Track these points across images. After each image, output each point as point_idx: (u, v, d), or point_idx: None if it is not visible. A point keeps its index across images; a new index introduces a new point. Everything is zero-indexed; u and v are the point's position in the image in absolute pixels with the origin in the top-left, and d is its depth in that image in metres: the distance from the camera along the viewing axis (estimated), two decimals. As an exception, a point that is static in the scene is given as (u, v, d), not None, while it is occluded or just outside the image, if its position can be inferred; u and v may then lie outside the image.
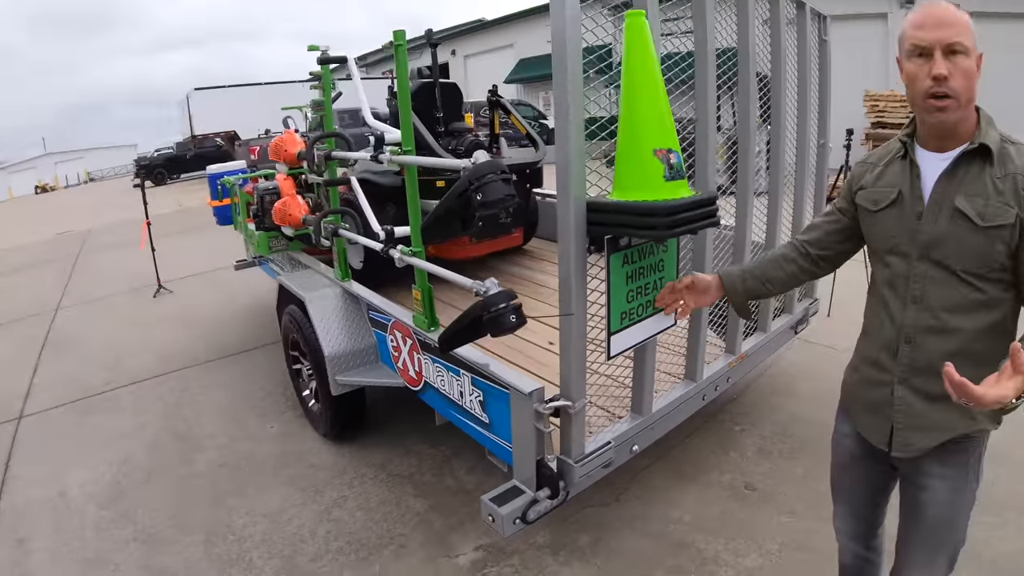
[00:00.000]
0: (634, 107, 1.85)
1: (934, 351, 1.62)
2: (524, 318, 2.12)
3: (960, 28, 1.51)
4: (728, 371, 3.25)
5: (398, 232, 3.00)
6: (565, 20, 1.84)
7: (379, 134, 2.95)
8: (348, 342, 3.50)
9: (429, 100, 4.84)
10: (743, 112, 3.05)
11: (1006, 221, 1.52)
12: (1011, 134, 1.63)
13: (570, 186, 1.91)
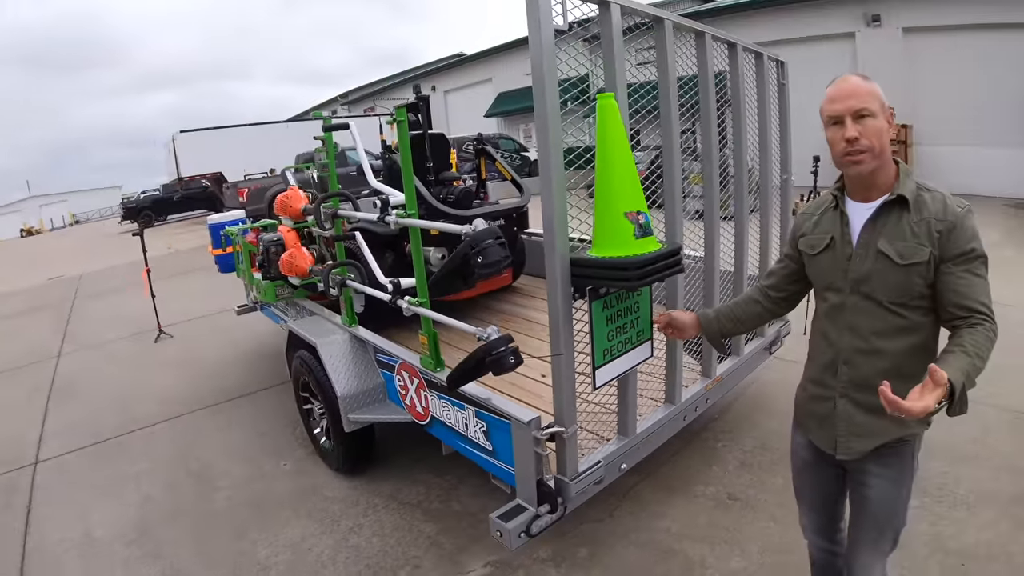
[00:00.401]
0: (608, 177, 2.24)
1: (867, 370, 1.92)
2: (521, 358, 2.48)
3: (865, 96, 1.82)
4: (705, 393, 3.60)
5: (404, 284, 3.34)
6: (547, 116, 2.21)
7: (384, 198, 3.29)
8: (358, 383, 3.81)
9: (420, 151, 5.14)
10: (706, 152, 3.41)
11: (921, 259, 1.81)
12: (929, 183, 1.95)
13: (556, 245, 2.29)
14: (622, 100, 2.58)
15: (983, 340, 1.72)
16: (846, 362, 1.97)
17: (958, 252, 1.79)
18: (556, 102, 2.27)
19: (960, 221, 1.80)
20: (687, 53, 3.37)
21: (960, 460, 3.94)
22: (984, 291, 1.79)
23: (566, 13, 2.32)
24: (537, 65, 2.23)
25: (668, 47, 2.90)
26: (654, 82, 3.06)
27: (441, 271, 2.73)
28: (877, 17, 18.67)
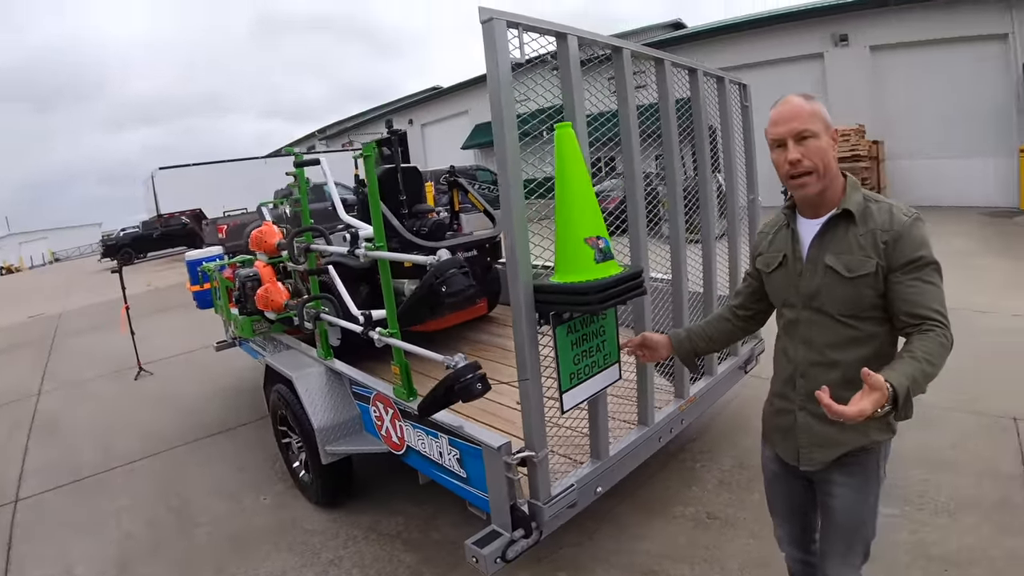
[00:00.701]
0: (567, 204, 2.29)
1: (823, 381, 1.87)
2: (489, 385, 2.52)
3: (806, 117, 1.85)
4: (680, 414, 3.63)
5: (375, 315, 3.37)
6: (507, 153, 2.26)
7: (354, 232, 3.35)
8: (334, 415, 3.83)
9: (393, 185, 5.22)
10: (670, 175, 3.48)
11: (868, 271, 1.83)
12: (876, 194, 1.97)
13: (518, 273, 2.34)
14: (582, 128, 2.64)
15: (934, 346, 1.72)
16: (803, 375, 2.01)
17: (905, 261, 1.80)
18: (514, 134, 2.33)
19: (906, 230, 1.82)
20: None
21: (940, 467, 4.01)
22: (935, 298, 1.79)
23: (523, 47, 2.38)
24: (495, 99, 2.30)
25: (627, 76, 2.97)
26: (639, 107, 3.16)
27: (408, 302, 2.78)
28: (844, 37, 19.10)
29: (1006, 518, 3.50)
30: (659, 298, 3.68)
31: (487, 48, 2.29)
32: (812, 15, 19.99)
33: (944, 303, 1.80)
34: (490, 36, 2.28)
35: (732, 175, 4.23)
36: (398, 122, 34.96)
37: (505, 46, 2.31)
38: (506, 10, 2.32)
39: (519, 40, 2.37)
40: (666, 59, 3.36)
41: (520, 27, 2.38)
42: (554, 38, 2.61)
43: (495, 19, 2.27)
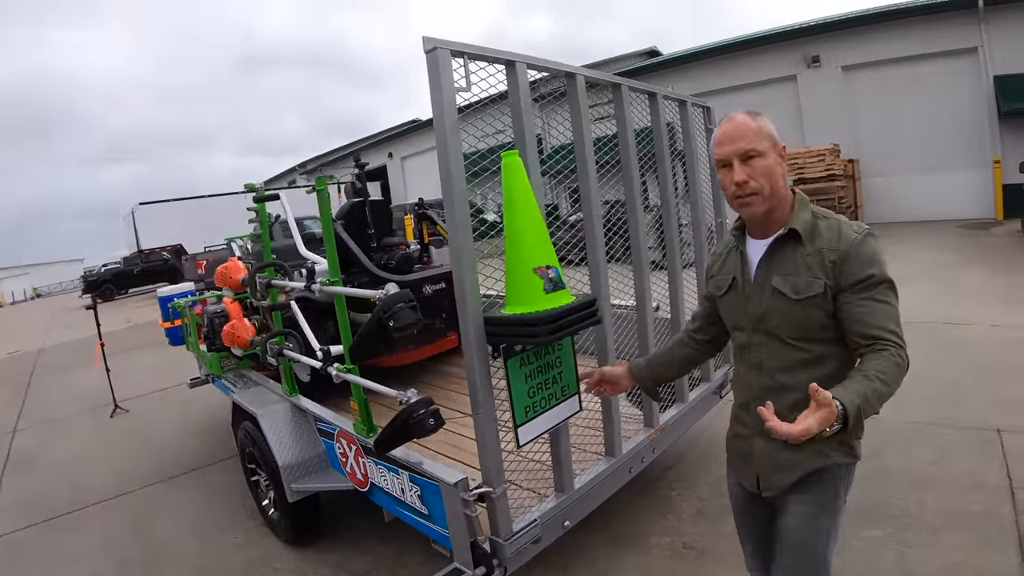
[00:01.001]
0: (515, 234, 2.24)
1: (777, 406, 1.80)
2: (442, 420, 2.47)
3: (751, 136, 1.80)
4: (651, 443, 3.56)
5: (334, 351, 3.32)
6: (452, 182, 2.22)
7: (310, 267, 3.31)
8: (299, 452, 3.76)
9: (361, 219, 5.23)
10: (630, 198, 3.44)
11: (816, 292, 1.78)
12: (826, 210, 1.91)
13: (468, 306, 2.28)
14: (533, 157, 2.61)
15: (887, 365, 1.65)
16: (757, 400, 1.91)
17: (855, 280, 1.75)
18: (460, 164, 2.30)
19: (854, 248, 1.77)
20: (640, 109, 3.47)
21: (923, 485, 3.97)
22: (888, 316, 1.74)
23: (468, 76, 2.35)
24: (440, 129, 2.27)
25: (581, 102, 2.95)
26: (607, 136, 3.14)
27: (357, 338, 2.73)
28: (816, 58, 19.48)
29: (992, 533, 3.47)
30: (623, 325, 3.64)
31: (431, 78, 2.26)
32: (784, 38, 20.45)
33: (899, 322, 1.75)
34: (434, 66, 2.25)
35: (697, 198, 4.21)
36: (378, 155, 35.41)
37: (450, 76, 2.28)
38: (454, 40, 2.30)
39: (465, 70, 2.34)
40: (623, 84, 3.35)
41: (466, 56, 2.35)
42: (503, 66, 2.59)
43: (439, 49, 2.25)
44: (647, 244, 3.60)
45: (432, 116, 2.28)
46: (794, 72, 20.04)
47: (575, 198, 6.40)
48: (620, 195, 3.52)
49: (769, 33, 21.27)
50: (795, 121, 19.77)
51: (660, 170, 3.79)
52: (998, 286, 9.49)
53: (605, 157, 3.40)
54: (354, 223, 5.25)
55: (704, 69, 20.88)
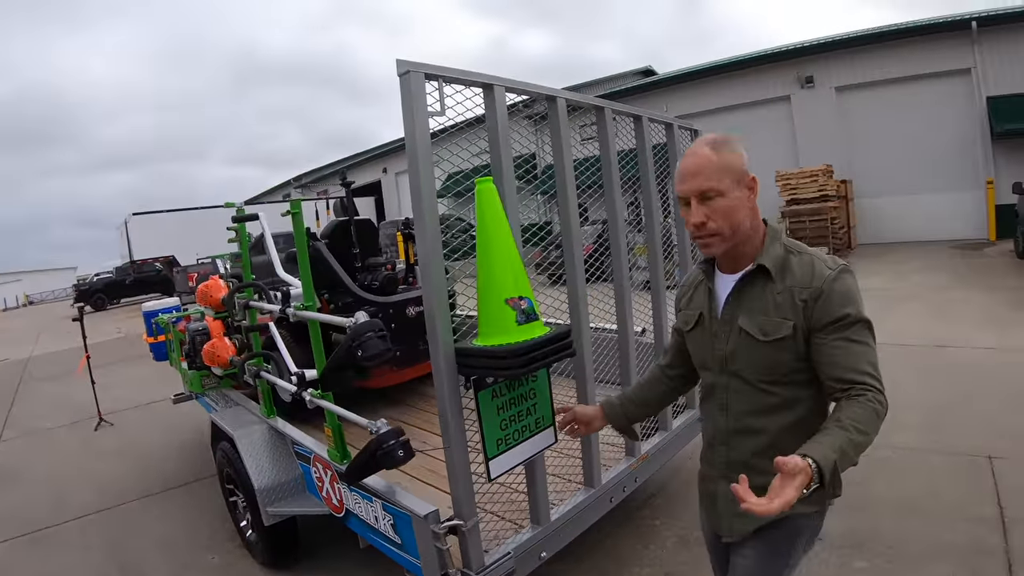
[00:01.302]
0: (488, 264, 2.19)
1: (745, 450, 1.80)
2: (412, 451, 2.42)
3: (711, 173, 1.66)
4: (633, 472, 3.50)
5: (309, 375, 3.27)
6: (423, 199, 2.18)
7: (285, 290, 3.27)
8: (276, 475, 3.70)
9: (346, 238, 5.20)
10: (612, 218, 3.41)
11: (785, 334, 1.67)
12: (799, 243, 1.79)
13: (438, 336, 2.23)
14: (510, 184, 2.56)
15: (863, 412, 1.54)
16: (723, 443, 1.88)
17: (828, 320, 1.64)
18: (432, 190, 2.25)
19: (828, 286, 1.65)
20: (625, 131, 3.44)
21: (912, 514, 3.90)
22: (865, 358, 1.62)
23: (443, 100, 2.31)
24: (412, 154, 2.22)
25: (562, 125, 2.92)
26: (595, 157, 3.10)
27: (328, 364, 2.68)
28: (810, 79, 19.68)
29: (980, 564, 3.40)
30: (604, 349, 3.59)
31: (404, 102, 2.22)
32: (778, 59, 20.71)
33: (876, 364, 1.63)
34: (407, 90, 2.20)
35: (681, 220, 4.17)
36: (373, 171, 35.37)
37: (423, 100, 2.23)
38: (429, 62, 2.26)
39: (440, 93, 2.30)
40: (607, 107, 3.32)
41: (440, 79, 2.30)
42: (480, 90, 2.55)
43: (412, 72, 2.20)
44: (630, 265, 3.56)
45: (404, 140, 2.24)
46: (788, 92, 20.25)
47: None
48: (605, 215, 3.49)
49: (763, 54, 21.56)
50: (789, 141, 19.97)
51: (643, 193, 3.76)
52: (991, 308, 9.47)
53: (593, 177, 3.36)
54: (339, 242, 5.22)
55: (698, 89, 21.05)
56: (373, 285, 5.09)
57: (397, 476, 2.84)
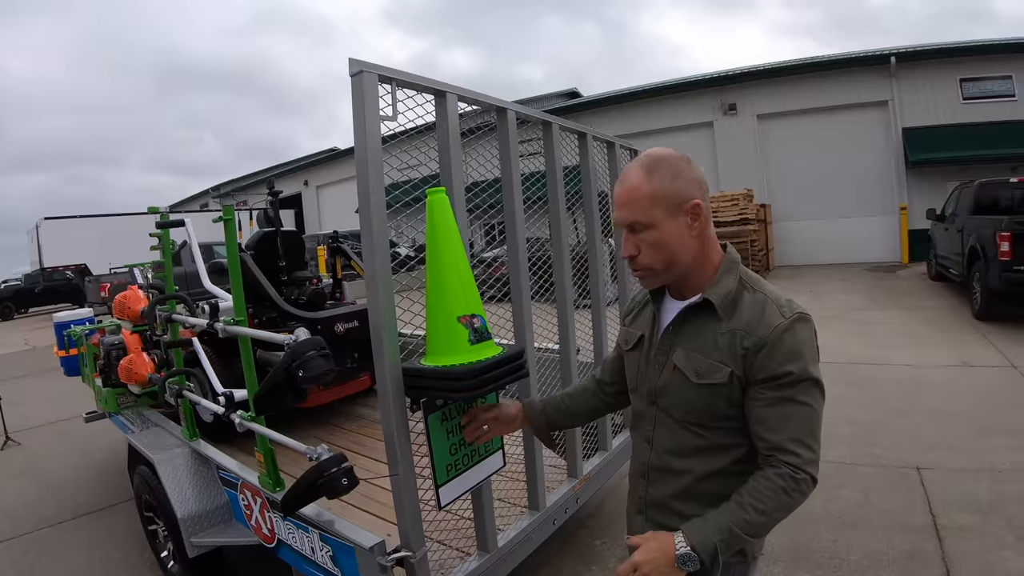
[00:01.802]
0: (439, 280, 2.04)
1: (664, 489, 1.65)
2: (356, 479, 2.24)
3: (637, 205, 1.52)
4: (575, 494, 3.41)
5: (237, 396, 3.06)
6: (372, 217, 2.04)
7: (213, 303, 3.06)
8: (200, 503, 3.45)
9: (272, 250, 4.97)
10: (556, 240, 3.32)
11: (719, 380, 1.50)
12: (758, 279, 1.62)
13: (385, 355, 2.08)
14: (460, 195, 2.44)
15: (768, 490, 1.41)
16: (643, 476, 1.73)
17: (768, 376, 1.46)
18: (381, 199, 2.09)
19: (775, 337, 1.46)
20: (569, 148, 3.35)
21: (849, 526, 4.00)
22: (800, 424, 1.45)
23: (395, 104, 2.17)
24: (361, 160, 2.06)
25: (511, 138, 2.82)
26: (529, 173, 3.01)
27: (264, 386, 2.49)
28: (733, 106, 20.52)
29: (918, 569, 3.54)
30: (546, 369, 3.49)
31: (355, 103, 2.06)
32: (702, 86, 21.67)
33: (812, 429, 1.46)
34: (359, 91, 2.05)
35: (620, 239, 4.12)
36: (294, 183, 34.84)
37: (375, 102, 2.08)
38: (382, 64, 2.12)
39: (392, 97, 2.15)
40: (554, 123, 3.24)
41: (394, 82, 2.16)
42: (432, 96, 2.43)
43: (365, 72, 2.05)
44: (571, 284, 3.47)
45: (354, 145, 2.08)
46: (711, 119, 21.17)
47: (490, 236, 6.28)
48: (542, 232, 3.40)
49: (688, 81, 22.47)
50: (711, 166, 20.86)
51: (587, 210, 3.69)
52: (908, 326, 9.94)
53: (526, 193, 3.25)
54: (264, 254, 4.98)
55: (624, 112, 21.58)
56: (300, 300, 4.88)
57: (326, 502, 2.64)
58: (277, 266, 4.99)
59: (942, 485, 4.62)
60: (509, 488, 3.24)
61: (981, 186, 11.78)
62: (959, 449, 5.30)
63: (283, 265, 5.04)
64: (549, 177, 3.26)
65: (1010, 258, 9.35)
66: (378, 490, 3.47)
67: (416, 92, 2.33)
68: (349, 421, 4.94)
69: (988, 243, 9.92)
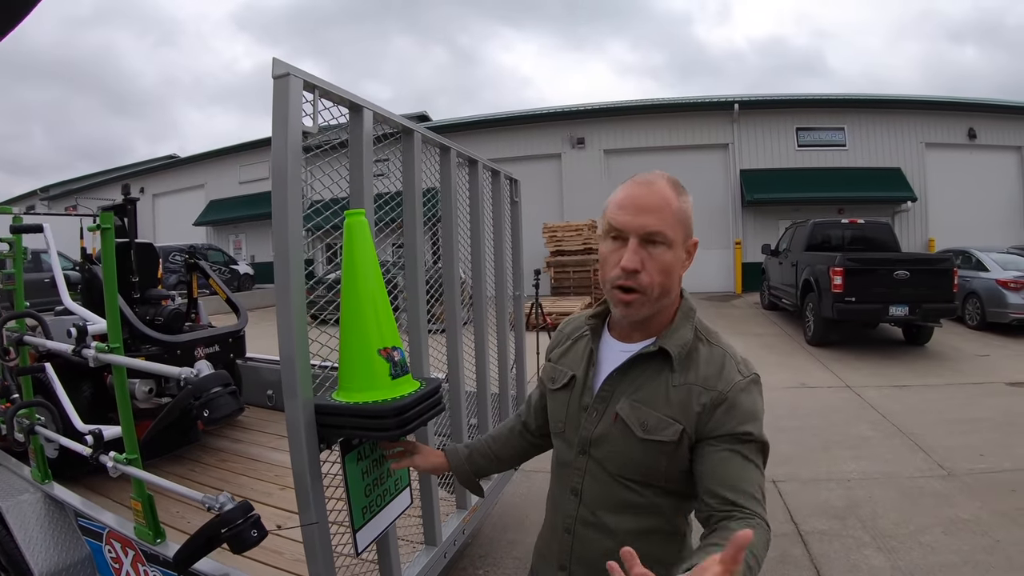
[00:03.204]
0: (358, 309, 1.88)
1: (592, 546, 1.52)
2: (265, 531, 2.01)
3: (665, 216, 1.38)
4: (463, 525, 3.30)
5: (108, 434, 2.72)
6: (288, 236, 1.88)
7: (82, 326, 2.69)
8: (59, 556, 3.01)
9: (124, 264, 4.43)
10: (447, 258, 3.23)
11: (668, 438, 1.40)
12: (713, 330, 1.54)
13: (297, 390, 1.88)
14: (370, 215, 2.30)
15: (760, 542, 1.27)
16: (568, 531, 1.57)
17: (726, 432, 1.37)
18: (299, 217, 1.90)
19: (736, 396, 1.39)
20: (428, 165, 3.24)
21: None
22: (756, 482, 1.35)
23: (316, 115, 1.97)
24: (279, 171, 1.83)
25: (416, 160, 2.71)
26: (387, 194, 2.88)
27: (155, 427, 2.22)
28: (582, 140, 21.42)
29: (791, 572, 3.86)
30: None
31: (276, 109, 1.84)
32: (553, 119, 22.58)
33: (764, 487, 1.37)
34: (282, 95, 1.84)
35: (502, 269, 4.12)
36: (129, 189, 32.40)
37: (298, 108, 1.88)
38: (303, 69, 1.94)
39: (314, 107, 1.96)
40: (452, 147, 3.19)
41: (317, 91, 1.98)
42: (348, 109, 2.27)
43: (291, 76, 1.85)
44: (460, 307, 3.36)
45: (272, 154, 1.86)
46: (560, 151, 21.87)
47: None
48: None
49: (540, 112, 23.39)
50: (557, 196, 21.69)
51: (473, 237, 3.63)
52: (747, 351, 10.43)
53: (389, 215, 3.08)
54: (116, 268, 4.42)
55: (474, 138, 22.06)
56: (157, 321, 4.37)
57: (206, 565, 2.34)
58: (130, 282, 4.45)
59: (799, 495, 5.04)
60: (403, 524, 3.08)
61: (815, 225, 13.00)
62: (809, 461, 5.82)
63: (136, 281, 4.50)
64: (443, 199, 3.21)
65: (842, 290, 10.32)
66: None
67: (333, 104, 2.18)
68: (208, 455, 4.40)
69: (822, 276, 10.88)
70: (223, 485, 3.82)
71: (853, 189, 19.65)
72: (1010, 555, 4.01)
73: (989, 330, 12.30)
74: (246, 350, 5.24)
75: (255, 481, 3.92)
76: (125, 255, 4.46)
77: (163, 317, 4.43)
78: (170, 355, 4.12)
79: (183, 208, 29.92)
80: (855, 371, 9.47)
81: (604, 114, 21.72)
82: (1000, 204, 20.69)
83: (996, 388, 8.41)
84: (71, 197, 33.86)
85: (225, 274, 21.68)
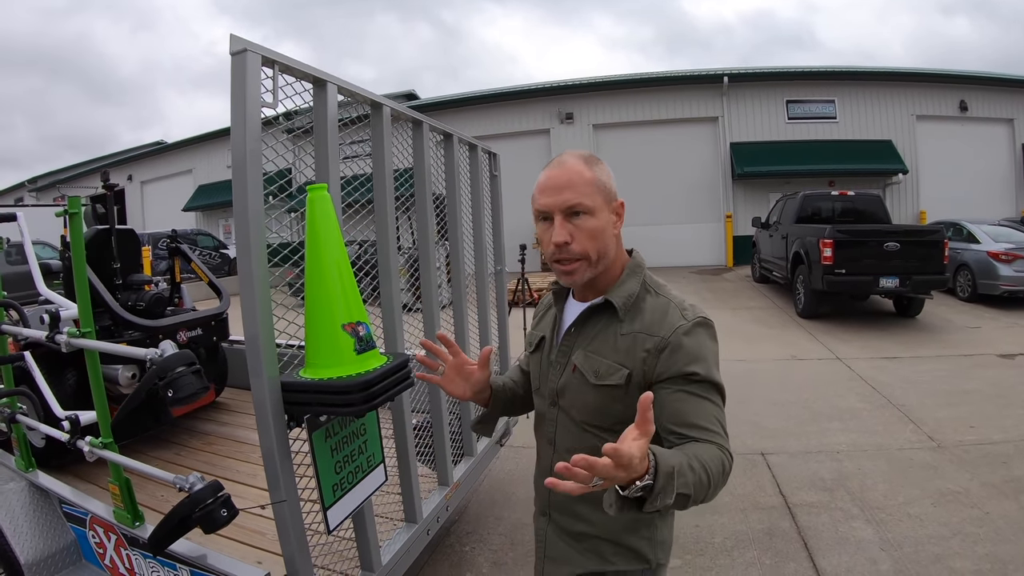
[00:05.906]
0: (321, 284, 1.89)
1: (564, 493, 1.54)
2: (236, 510, 2.01)
3: (581, 188, 1.49)
4: (445, 502, 3.31)
5: (84, 419, 2.72)
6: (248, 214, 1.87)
7: (54, 311, 2.68)
8: (46, 544, 3.02)
9: (105, 250, 4.50)
10: (422, 237, 3.22)
11: (616, 382, 1.50)
12: (663, 283, 1.63)
13: (262, 369, 1.89)
14: (336, 194, 2.29)
15: (711, 455, 1.33)
16: (545, 477, 1.58)
17: (674, 374, 1.44)
18: (259, 193, 1.89)
19: (676, 338, 1.46)
20: (403, 144, 3.21)
21: (708, 511, 4.24)
22: (712, 415, 1.42)
23: (276, 91, 1.95)
24: (239, 148, 1.84)
25: (385, 136, 2.69)
26: (363, 175, 2.86)
27: (122, 411, 2.22)
28: (570, 115, 21.26)
29: (779, 545, 3.86)
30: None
31: (235, 85, 1.83)
32: (541, 94, 22.46)
33: (724, 424, 1.44)
34: (240, 71, 1.83)
35: (481, 244, 4.13)
36: (116, 177, 32.14)
37: (256, 85, 1.87)
38: (264, 45, 1.91)
39: (273, 83, 1.94)
40: (425, 122, 3.16)
41: (276, 66, 1.96)
42: (311, 84, 2.25)
43: (249, 51, 1.83)
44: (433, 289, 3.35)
45: (230, 131, 1.86)
46: (548, 126, 21.71)
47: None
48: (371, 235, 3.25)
49: (528, 88, 23.14)
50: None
51: (449, 214, 3.64)
52: (739, 325, 10.65)
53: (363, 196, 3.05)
54: (96, 255, 4.45)
55: (461, 116, 21.88)
56: (139, 306, 4.45)
57: (183, 546, 2.35)
58: (111, 268, 4.51)
59: (787, 468, 5.07)
60: (382, 502, 3.09)
61: (805, 197, 12.90)
62: (798, 434, 5.84)
63: (117, 267, 4.56)
64: (417, 176, 3.17)
65: (832, 262, 10.27)
66: (244, 515, 3.24)
67: (296, 79, 2.16)
68: (194, 439, 4.44)
69: (812, 249, 10.82)
70: (210, 468, 3.88)
71: (844, 161, 19.52)
72: (999, 527, 4.01)
73: (980, 302, 12.27)
74: (229, 333, 5.28)
75: (241, 463, 3.96)
76: (106, 242, 4.48)
77: (144, 302, 4.48)
78: (152, 340, 4.12)
79: (172, 194, 29.70)
80: (845, 343, 9.49)
81: (592, 89, 21.53)
82: (991, 176, 20.63)
83: (987, 360, 8.41)
84: (59, 188, 33.80)
85: (215, 259, 21.40)
